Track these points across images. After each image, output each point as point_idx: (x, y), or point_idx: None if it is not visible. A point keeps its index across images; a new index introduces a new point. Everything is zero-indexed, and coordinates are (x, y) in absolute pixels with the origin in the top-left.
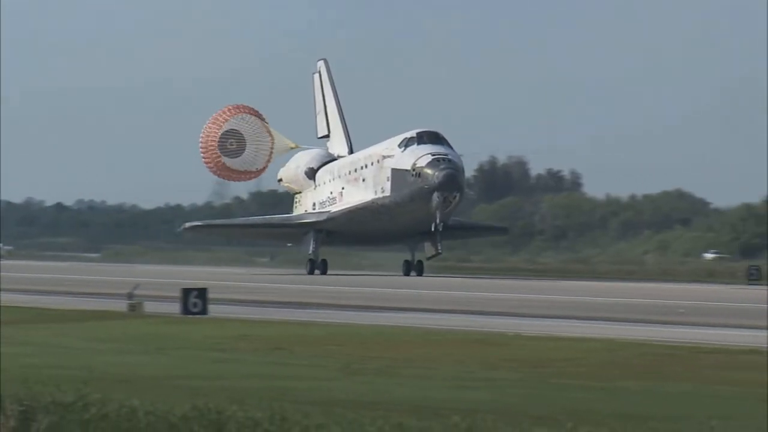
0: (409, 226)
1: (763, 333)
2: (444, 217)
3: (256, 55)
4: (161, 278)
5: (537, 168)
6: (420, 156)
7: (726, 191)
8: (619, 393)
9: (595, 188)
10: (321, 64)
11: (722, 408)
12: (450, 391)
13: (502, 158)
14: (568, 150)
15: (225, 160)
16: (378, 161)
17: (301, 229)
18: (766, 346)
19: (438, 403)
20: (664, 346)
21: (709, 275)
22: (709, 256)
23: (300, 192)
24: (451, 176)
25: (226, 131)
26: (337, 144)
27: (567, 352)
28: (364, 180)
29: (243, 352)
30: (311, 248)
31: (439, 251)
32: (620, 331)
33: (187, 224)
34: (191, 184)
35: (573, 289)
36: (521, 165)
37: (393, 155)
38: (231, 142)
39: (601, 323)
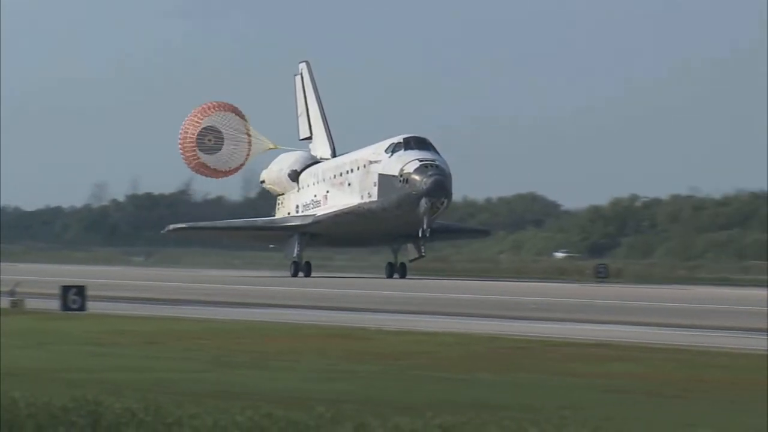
0: (396, 230)
1: (609, 327)
2: (430, 222)
3: (237, 55)
4: (42, 276)
5: None
6: (407, 162)
7: (575, 194)
8: (475, 384)
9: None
10: (303, 66)
11: (571, 397)
12: (316, 383)
13: None
14: None
15: (201, 156)
16: (364, 166)
17: (285, 232)
18: (613, 339)
19: (304, 394)
20: (517, 340)
21: (560, 273)
22: (559, 255)
23: (283, 194)
24: (439, 182)
25: (205, 128)
26: (320, 146)
27: (425, 345)
28: (350, 184)
29: (119, 346)
30: (295, 251)
31: (423, 254)
32: (475, 326)
33: (171, 226)
34: (70, 186)
35: (432, 287)
36: None
37: (380, 161)
38: (209, 139)
39: (457, 319)
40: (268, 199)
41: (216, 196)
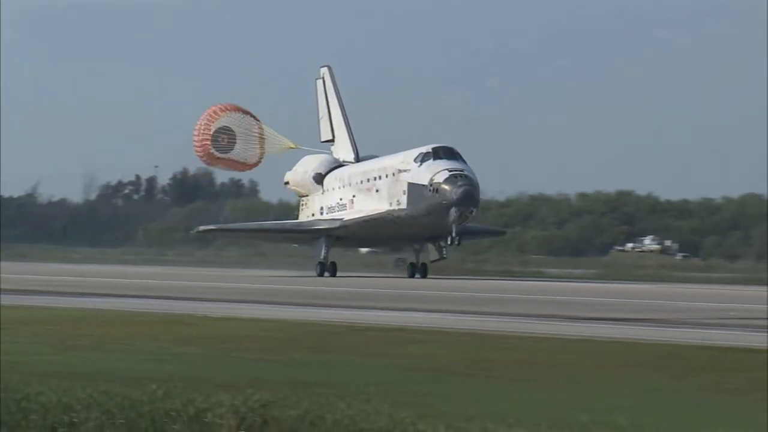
0: (422, 235)
1: (408, 314)
2: (459, 230)
3: (260, 57)
4: None
5: (222, 177)
6: (437, 172)
7: None
8: (292, 364)
9: (269, 194)
10: (325, 70)
11: (374, 376)
12: (148, 364)
13: (192, 169)
14: None
15: (215, 152)
16: (393, 174)
17: (313, 235)
18: (410, 324)
19: (138, 374)
20: (328, 325)
21: (364, 266)
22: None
23: (306, 195)
24: (469, 193)
25: (219, 128)
26: (343, 150)
27: (246, 330)
28: (377, 191)
29: None
30: (322, 252)
31: (444, 256)
32: (291, 313)
33: (201, 227)
34: None
35: (251, 278)
36: (208, 175)
37: (409, 169)
38: (222, 138)
39: (276, 306)
40: (107, 199)
41: (60, 198)
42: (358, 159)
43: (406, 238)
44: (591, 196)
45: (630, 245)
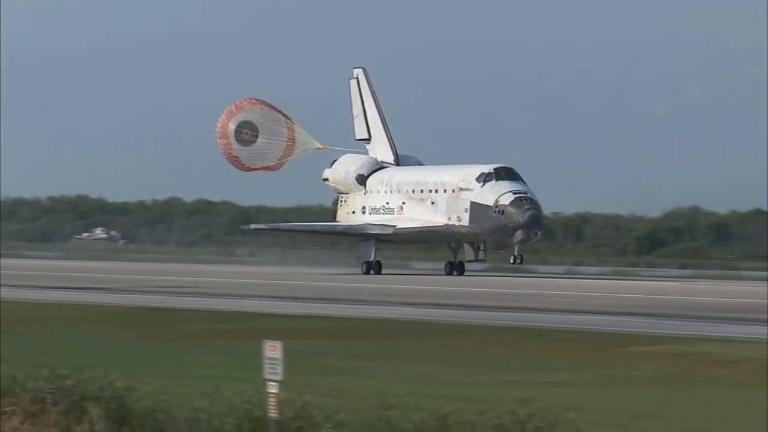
0: (467, 241)
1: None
2: (521, 249)
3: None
4: None
5: None
6: (502, 194)
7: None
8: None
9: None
10: (359, 72)
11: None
12: None
13: None
14: None
15: (238, 150)
16: (453, 191)
17: (363, 237)
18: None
19: None
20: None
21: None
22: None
23: (346, 193)
24: (536, 217)
25: (242, 121)
26: (380, 150)
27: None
28: (433, 203)
29: None
30: (371, 254)
31: (482, 258)
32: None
33: (252, 226)
34: None
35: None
36: None
37: (471, 189)
38: (246, 132)
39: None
40: None
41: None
42: (397, 159)
43: (449, 243)
44: (57, 198)
45: (86, 234)
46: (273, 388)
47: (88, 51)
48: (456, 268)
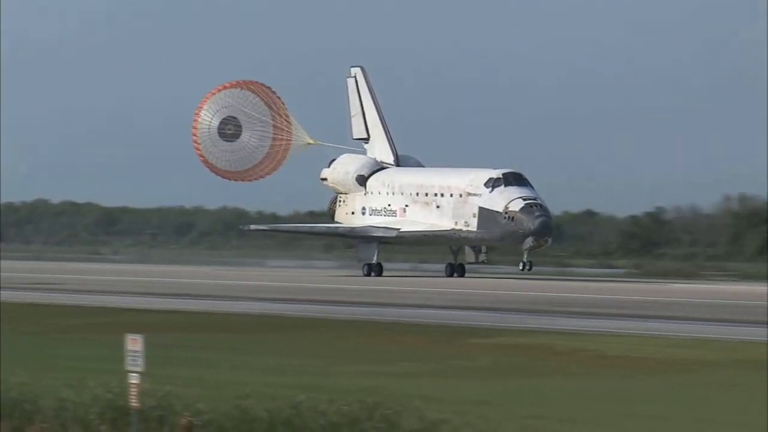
0: (470, 245)
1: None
2: (529, 256)
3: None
4: None
5: None
6: (511, 200)
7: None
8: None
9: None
10: (357, 70)
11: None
12: None
13: None
14: None
15: (223, 146)
16: (460, 195)
17: (366, 240)
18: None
19: None
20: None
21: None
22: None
23: (345, 193)
24: (546, 224)
25: (225, 117)
26: (380, 150)
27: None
28: (438, 206)
29: None
30: (374, 256)
31: (483, 260)
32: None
33: (252, 226)
34: None
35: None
36: None
37: (480, 194)
38: (229, 128)
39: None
40: None
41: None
42: (397, 160)
43: (451, 245)
44: None
45: None
46: (134, 379)
47: None
48: (456, 269)
